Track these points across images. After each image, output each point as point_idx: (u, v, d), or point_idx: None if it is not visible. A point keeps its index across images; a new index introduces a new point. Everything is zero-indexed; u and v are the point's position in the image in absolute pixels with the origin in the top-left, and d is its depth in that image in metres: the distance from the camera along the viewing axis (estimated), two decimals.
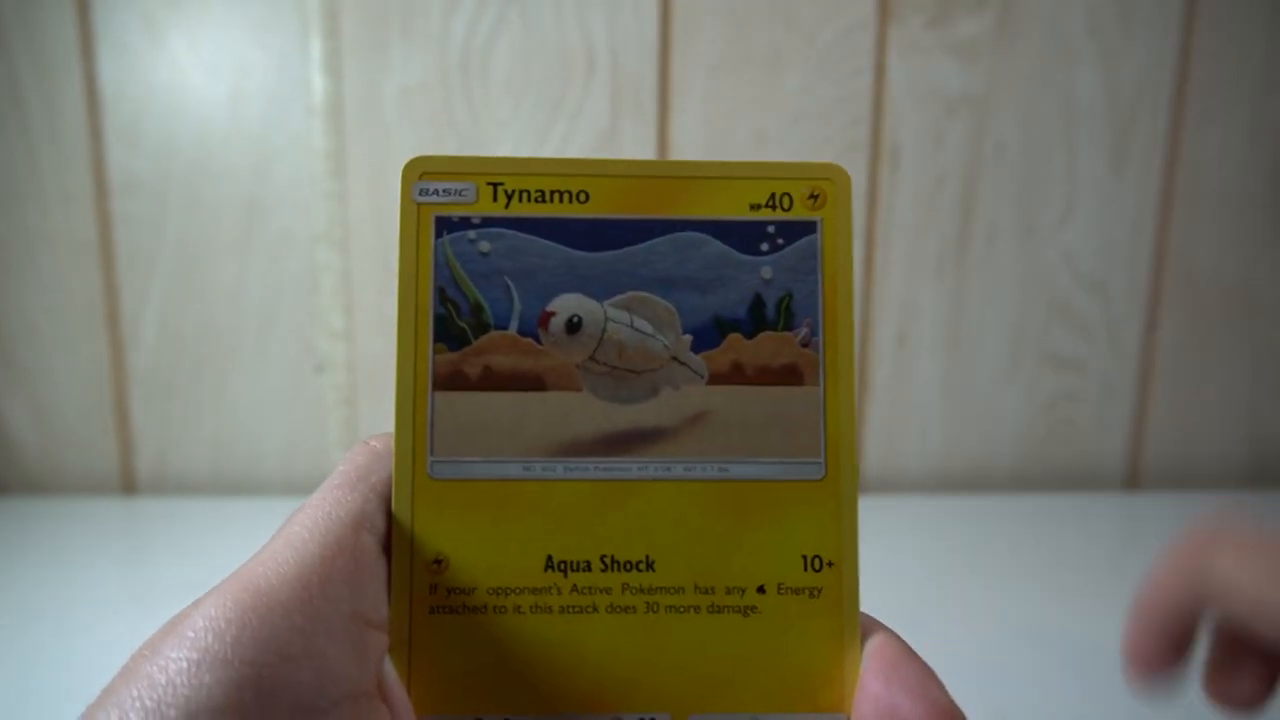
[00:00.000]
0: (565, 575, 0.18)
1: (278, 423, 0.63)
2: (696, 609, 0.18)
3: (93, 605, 0.45)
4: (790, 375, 0.19)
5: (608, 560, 0.18)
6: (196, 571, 0.49)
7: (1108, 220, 0.63)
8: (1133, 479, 0.68)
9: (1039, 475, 0.67)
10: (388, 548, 0.18)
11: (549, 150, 0.60)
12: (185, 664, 0.14)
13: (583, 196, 0.19)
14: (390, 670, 0.17)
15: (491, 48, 0.59)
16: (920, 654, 0.18)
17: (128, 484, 0.63)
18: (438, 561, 0.18)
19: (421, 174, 0.18)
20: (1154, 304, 0.65)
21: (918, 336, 0.64)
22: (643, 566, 0.18)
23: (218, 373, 0.62)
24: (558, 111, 0.60)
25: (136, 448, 0.63)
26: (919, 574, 0.50)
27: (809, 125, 0.61)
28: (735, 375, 0.19)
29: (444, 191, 0.18)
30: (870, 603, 0.19)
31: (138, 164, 0.59)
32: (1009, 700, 0.38)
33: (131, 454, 0.63)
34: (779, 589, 0.18)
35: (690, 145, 0.60)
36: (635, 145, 0.60)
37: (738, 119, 0.61)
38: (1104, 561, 0.54)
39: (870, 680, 0.17)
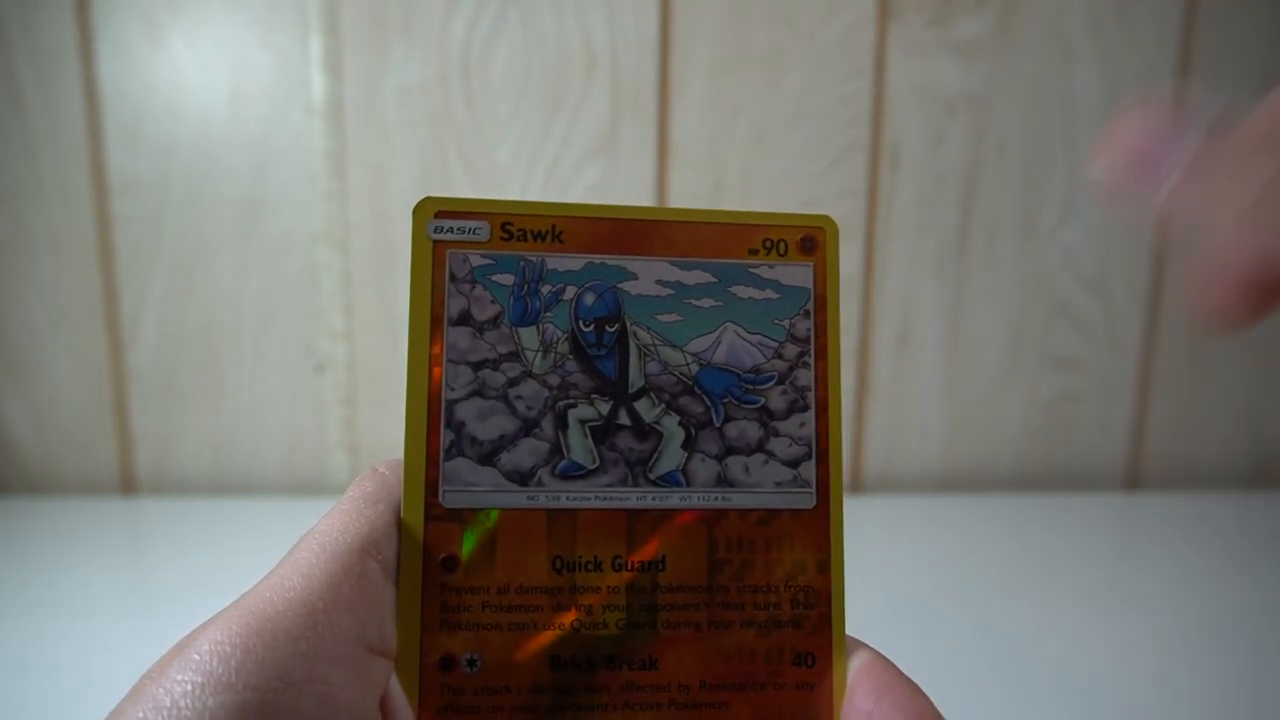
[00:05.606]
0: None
1: (278, 423, 0.63)
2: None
3: (92, 605, 0.45)
4: None
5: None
6: (196, 571, 0.49)
7: (1108, 220, 0.63)
8: (1133, 479, 0.68)
9: (1039, 475, 0.67)
10: (394, 573, 0.18)
11: (549, 150, 0.60)
12: (190, 687, 0.14)
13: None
14: (396, 691, 0.17)
15: (491, 48, 0.59)
16: (920, 652, 0.18)
17: (127, 484, 0.63)
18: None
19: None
20: (1154, 304, 0.65)
21: (918, 336, 0.64)
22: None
23: (217, 373, 0.62)
24: (558, 111, 0.60)
25: (136, 448, 0.63)
26: (918, 574, 0.50)
27: (809, 125, 0.61)
28: None
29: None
30: (870, 604, 0.19)
31: (137, 164, 0.59)
32: (1010, 703, 0.38)
33: (131, 454, 0.63)
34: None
35: (690, 145, 0.60)
36: (635, 145, 0.60)
37: (738, 119, 0.61)
38: (1104, 562, 0.54)
39: (860, 699, 0.18)
